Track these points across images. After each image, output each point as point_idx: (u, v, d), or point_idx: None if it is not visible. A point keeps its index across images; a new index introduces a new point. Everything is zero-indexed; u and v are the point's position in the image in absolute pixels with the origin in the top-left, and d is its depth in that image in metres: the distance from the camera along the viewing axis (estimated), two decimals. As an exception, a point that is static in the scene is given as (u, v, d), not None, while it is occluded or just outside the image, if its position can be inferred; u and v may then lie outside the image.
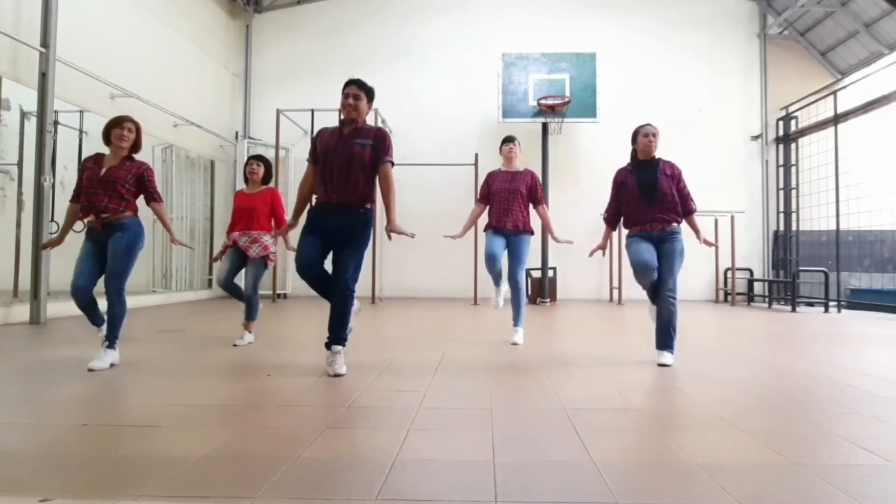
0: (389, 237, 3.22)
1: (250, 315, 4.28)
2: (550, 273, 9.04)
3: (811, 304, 9.01)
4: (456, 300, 9.29)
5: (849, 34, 9.55)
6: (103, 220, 3.42)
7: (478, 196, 4.75)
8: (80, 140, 7.11)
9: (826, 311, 7.94)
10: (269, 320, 6.15)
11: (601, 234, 4.00)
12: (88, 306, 3.49)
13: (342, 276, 3.09)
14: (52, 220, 6.04)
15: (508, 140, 4.67)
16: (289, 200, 10.02)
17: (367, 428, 2.12)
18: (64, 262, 6.96)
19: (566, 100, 8.85)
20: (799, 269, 8.97)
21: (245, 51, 10.55)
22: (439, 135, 10.15)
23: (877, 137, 8.63)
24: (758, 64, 10.24)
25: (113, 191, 3.43)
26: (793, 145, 10.07)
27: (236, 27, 10.45)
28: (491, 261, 4.43)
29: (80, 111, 6.82)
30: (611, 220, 3.99)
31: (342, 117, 3.23)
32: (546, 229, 4.71)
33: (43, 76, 5.62)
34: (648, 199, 3.76)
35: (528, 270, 9.50)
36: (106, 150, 3.66)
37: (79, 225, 3.69)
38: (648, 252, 3.62)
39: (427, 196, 10.13)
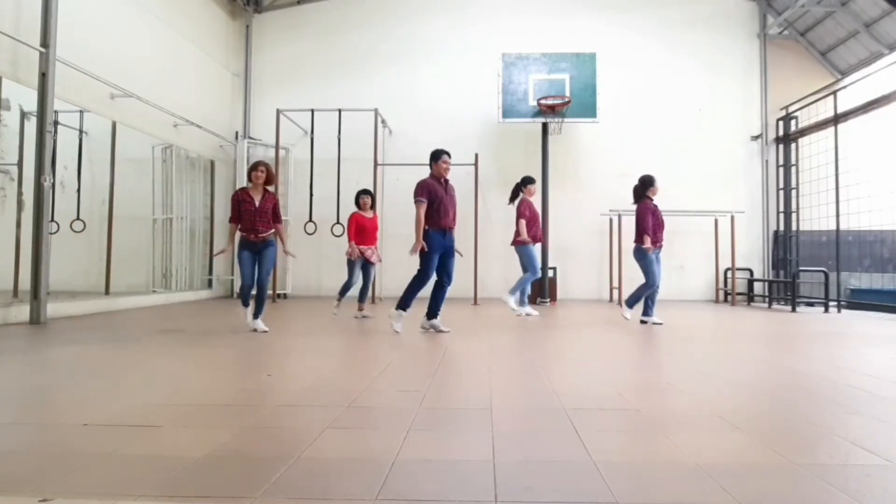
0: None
1: (364, 298, 6.57)
2: (550, 273, 9.04)
3: (811, 304, 9.01)
4: (455, 300, 9.28)
5: (849, 34, 9.55)
6: (261, 238, 4.93)
7: (525, 216, 6.86)
8: (80, 140, 7.12)
9: (826, 311, 7.94)
10: (269, 320, 6.14)
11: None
12: (250, 293, 4.97)
13: (452, 275, 5.13)
14: (53, 220, 6.04)
15: (534, 181, 7.14)
16: (288, 199, 10.01)
17: (367, 428, 2.12)
18: (64, 263, 6.97)
19: (566, 100, 8.85)
20: (799, 269, 8.97)
21: (245, 51, 10.54)
22: (439, 135, 10.12)
23: (877, 137, 8.62)
24: (758, 64, 10.24)
25: (266, 217, 4.94)
26: (793, 145, 10.07)
27: (236, 27, 10.45)
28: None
29: (80, 111, 6.82)
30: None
31: (441, 174, 5.22)
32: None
33: (43, 76, 5.62)
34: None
35: (528, 270, 9.51)
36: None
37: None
38: None
39: (427, 196, 10.11)
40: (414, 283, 4.97)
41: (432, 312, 5.10)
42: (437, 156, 5.35)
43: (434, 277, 5.03)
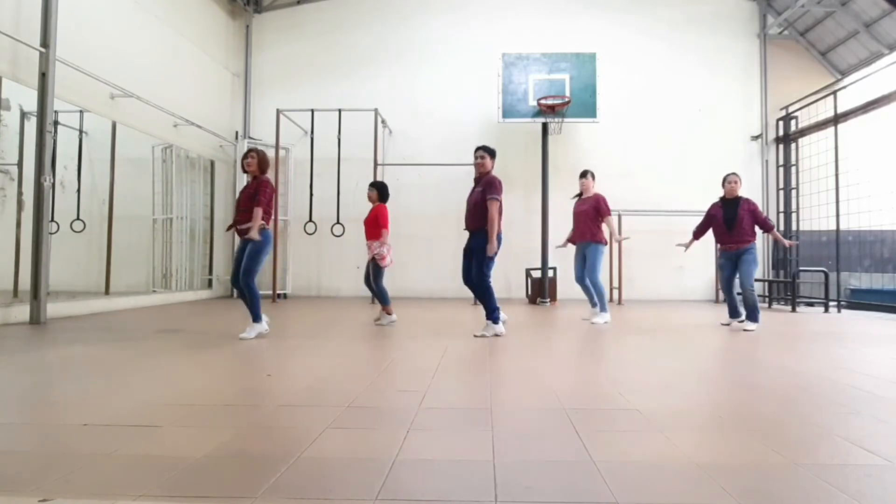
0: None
1: (384, 301, 5.67)
2: (550, 273, 9.04)
3: (811, 304, 9.01)
4: (456, 300, 9.29)
5: (849, 34, 9.55)
6: (239, 230, 4.58)
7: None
8: (80, 140, 7.11)
9: (826, 311, 7.94)
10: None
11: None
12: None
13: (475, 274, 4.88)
14: (53, 220, 6.04)
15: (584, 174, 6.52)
16: (288, 199, 10.03)
17: (367, 428, 2.12)
18: (64, 263, 6.97)
19: (566, 100, 8.85)
20: (799, 269, 8.97)
21: (245, 51, 10.54)
22: (439, 135, 10.16)
23: (877, 137, 8.62)
24: (758, 64, 10.24)
25: (244, 206, 4.56)
26: (793, 145, 10.07)
27: (236, 27, 10.45)
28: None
29: (80, 111, 6.82)
30: (698, 233, 6.04)
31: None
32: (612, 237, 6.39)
33: (43, 76, 5.62)
34: (729, 227, 5.59)
35: (528, 270, 9.51)
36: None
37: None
38: (728, 271, 5.79)
39: (427, 196, 10.14)
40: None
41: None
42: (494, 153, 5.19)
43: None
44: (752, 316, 5.53)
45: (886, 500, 1.49)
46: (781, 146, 10.21)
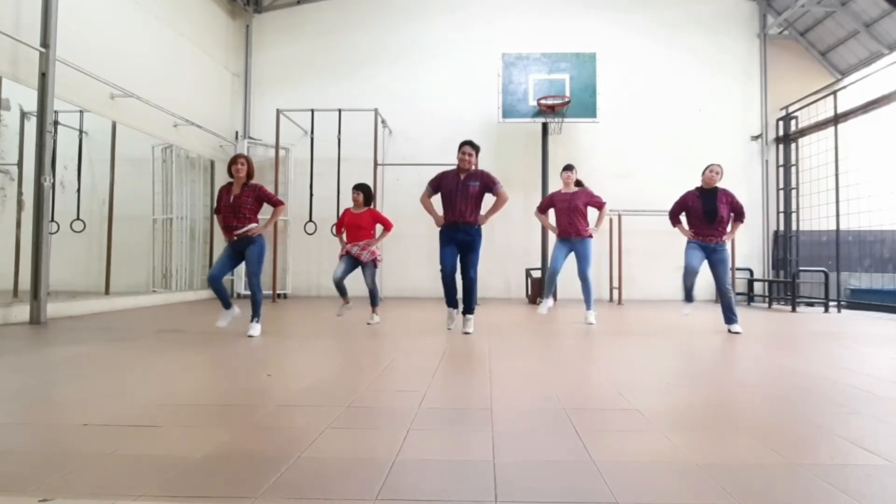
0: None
1: (375, 302, 5.83)
2: (550, 273, 9.03)
3: (811, 304, 9.01)
4: (456, 300, 9.27)
5: (849, 34, 9.55)
6: (236, 236, 4.60)
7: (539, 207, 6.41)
8: (80, 140, 7.11)
9: (826, 311, 7.94)
10: (269, 320, 6.15)
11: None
12: (218, 288, 4.66)
13: (469, 271, 4.90)
14: (53, 220, 6.03)
15: (568, 168, 6.11)
16: (288, 199, 10.02)
17: (367, 428, 2.12)
18: (64, 263, 6.97)
19: (566, 100, 8.85)
20: (799, 269, 8.97)
21: (245, 51, 10.54)
22: (439, 135, 10.14)
23: (877, 137, 8.62)
24: (758, 64, 10.24)
25: (243, 212, 4.58)
26: (793, 145, 10.07)
27: (236, 27, 10.45)
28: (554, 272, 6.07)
29: (80, 111, 6.82)
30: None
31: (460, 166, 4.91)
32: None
33: (43, 76, 5.61)
34: (709, 220, 5.31)
35: (528, 270, 9.51)
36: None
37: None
38: (697, 259, 5.44)
39: (427, 196, 10.10)
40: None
41: (464, 306, 4.96)
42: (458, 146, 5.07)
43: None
44: (735, 317, 5.26)
45: (886, 500, 1.49)
46: (781, 146, 10.21)
